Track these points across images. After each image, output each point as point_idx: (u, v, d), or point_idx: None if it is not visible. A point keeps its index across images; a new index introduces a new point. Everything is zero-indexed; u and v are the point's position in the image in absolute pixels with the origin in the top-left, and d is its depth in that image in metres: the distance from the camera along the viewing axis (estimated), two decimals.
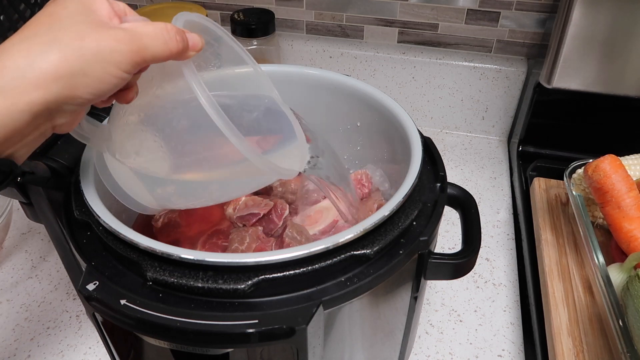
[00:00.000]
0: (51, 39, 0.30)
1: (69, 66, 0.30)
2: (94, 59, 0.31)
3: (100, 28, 0.32)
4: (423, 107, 0.98)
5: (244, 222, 0.53)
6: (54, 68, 0.29)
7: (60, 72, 0.30)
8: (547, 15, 0.86)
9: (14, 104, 0.29)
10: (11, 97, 0.29)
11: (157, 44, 0.33)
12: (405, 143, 0.50)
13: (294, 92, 0.59)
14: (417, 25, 0.93)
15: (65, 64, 0.30)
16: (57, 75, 0.30)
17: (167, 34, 0.34)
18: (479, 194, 0.85)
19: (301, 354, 0.39)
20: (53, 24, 0.31)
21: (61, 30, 0.31)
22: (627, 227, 0.60)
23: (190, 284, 0.37)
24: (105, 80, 0.31)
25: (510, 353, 0.62)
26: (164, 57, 0.34)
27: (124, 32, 0.32)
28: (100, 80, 0.31)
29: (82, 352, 0.62)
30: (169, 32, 0.34)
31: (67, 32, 0.30)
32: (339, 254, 0.39)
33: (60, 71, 0.30)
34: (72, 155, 0.47)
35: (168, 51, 0.34)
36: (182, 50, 0.35)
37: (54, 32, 0.30)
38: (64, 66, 0.30)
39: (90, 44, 0.30)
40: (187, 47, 0.35)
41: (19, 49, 0.30)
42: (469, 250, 0.47)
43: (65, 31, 0.30)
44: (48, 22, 0.31)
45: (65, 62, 0.30)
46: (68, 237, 0.43)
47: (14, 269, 0.72)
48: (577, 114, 0.83)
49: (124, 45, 0.31)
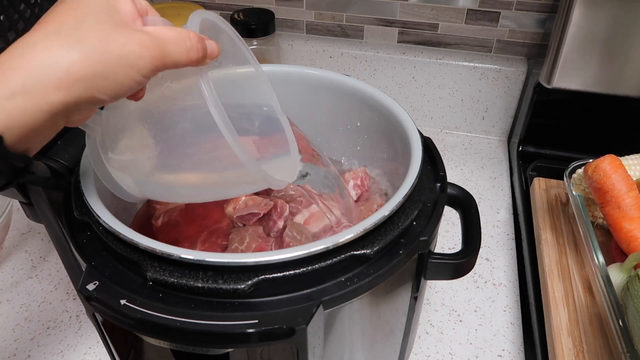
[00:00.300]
0: (76, 39, 0.30)
1: (91, 69, 0.30)
2: (117, 63, 0.30)
3: (125, 30, 0.31)
4: (423, 107, 0.98)
5: (243, 222, 0.53)
6: (76, 70, 0.29)
7: (83, 74, 0.29)
8: (547, 15, 0.86)
9: (36, 104, 0.29)
10: (33, 98, 0.29)
11: (179, 51, 0.33)
12: (405, 143, 0.50)
13: (294, 92, 0.59)
14: (417, 25, 0.93)
15: (88, 67, 0.30)
16: (79, 78, 0.29)
17: (190, 41, 0.33)
18: (479, 194, 0.85)
19: (301, 354, 0.39)
20: (77, 22, 0.30)
21: (86, 30, 0.30)
22: (627, 227, 0.60)
23: (190, 284, 0.37)
24: (124, 84, 0.31)
25: (510, 353, 0.62)
26: (184, 64, 0.34)
27: (149, 38, 0.32)
28: (120, 84, 0.31)
29: (82, 352, 0.62)
30: (191, 39, 0.34)
31: (91, 33, 0.30)
32: (339, 254, 0.39)
33: (82, 73, 0.29)
34: (72, 155, 0.47)
35: (188, 59, 0.34)
36: (201, 59, 0.34)
37: (79, 31, 0.30)
38: (87, 69, 0.29)
39: (115, 48, 0.30)
40: (205, 56, 0.35)
41: (42, 47, 0.29)
42: (469, 250, 0.47)
43: (89, 32, 0.30)
44: (72, 19, 0.30)
45: (89, 65, 0.30)
46: (68, 237, 0.43)
47: (14, 269, 0.72)
48: (577, 114, 0.83)
49: (147, 51, 0.31)
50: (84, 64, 0.29)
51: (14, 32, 0.51)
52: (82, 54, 0.29)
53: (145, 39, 0.31)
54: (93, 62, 0.30)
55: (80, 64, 0.29)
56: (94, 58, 0.30)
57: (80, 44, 0.30)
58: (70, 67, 0.29)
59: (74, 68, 0.29)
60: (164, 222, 0.54)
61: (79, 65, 0.29)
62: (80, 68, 0.29)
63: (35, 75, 0.29)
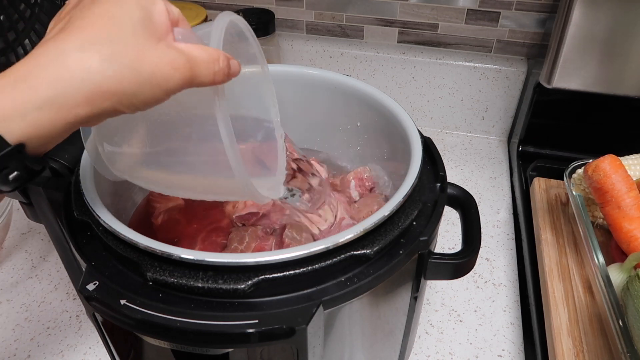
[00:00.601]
0: (111, 53, 0.29)
1: (122, 87, 0.29)
2: (147, 82, 0.30)
3: (158, 46, 0.31)
4: (423, 107, 0.98)
5: (242, 222, 0.53)
6: (107, 87, 0.29)
7: (113, 91, 0.29)
8: (547, 15, 0.86)
9: (63, 116, 0.29)
10: (61, 110, 0.29)
11: (207, 74, 0.33)
12: (405, 143, 0.50)
13: (294, 92, 0.59)
14: (417, 25, 0.93)
15: (120, 84, 0.29)
16: (109, 94, 0.29)
17: (218, 65, 0.33)
18: (479, 194, 0.85)
19: (301, 354, 0.39)
20: (114, 33, 0.30)
21: (122, 44, 0.30)
22: (627, 227, 0.60)
23: (190, 284, 0.37)
24: (149, 101, 0.31)
25: (510, 353, 0.62)
26: (208, 85, 0.34)
27: (181, 59, 0.31)
28: (145, 101, 0.31)
29: (82, 352, 0.62)
30: (220, 63, 0.33)
31: (127, 48, 0.30)
32: (339, 254, 0.39)
33: (113, 90, 0.29)
34: (72, 155, 0.47)
35: (213, 82, 0.33)
36: (225, 80, 0.34)
37: (115, 45, 0.29)
38: (118, 86, 0.29)
39: (148, 68, 0.30)
40: (229, 77, 0.35)
41: (75, 58, 0.29)
42: (469, 250, 0.47)
43: (125, 46, 0.30)
44: (108, 29, 0.30)
45: (121, 83, 0.29)
46: (68, 237, 0.43)
47: (14, 269, 0.72)
48: (577, 114, 0.83)
49: (178, 74, 0.31)
50: (116, 81, 0.29)
51: (14, 32, 0.51)
52: (116, 71, 0.29)
53: (177, 59, 0.31)
54: (126, 81, 0.29)
55: (112, 81, 0.29)
56: (127, 76, 0.29)
57: (115, 60, 0.29)
58: (102, 82, 0.29)
59: (106, 84, 0.29)
60: (163, 221, 0.54)
61: (111, 82, 0.29)
62: (112, 85, 0.29)
63: (67, 87, 0.28)
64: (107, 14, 0.30)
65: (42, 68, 0.28)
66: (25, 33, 0.53)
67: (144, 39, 0.30)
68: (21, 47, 0.53)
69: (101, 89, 0.29)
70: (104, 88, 0.29)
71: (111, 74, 0.29)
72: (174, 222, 0.54)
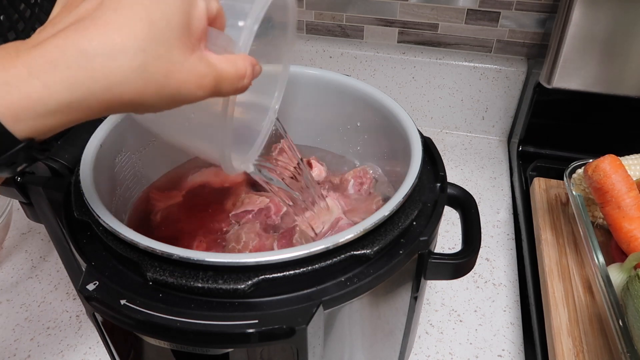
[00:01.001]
0: (140, 63, 0.27)
1: (143, 99, 0.28)
2: (170, 97, 0.29)
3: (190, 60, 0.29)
4: (423, 107, 0.98)
5: (237, 220, 0.53)
6: (128, 97, 0.27)
7: (134, 101, 0.28)
8: (547, 15, 0.86)
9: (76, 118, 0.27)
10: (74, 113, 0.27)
11: (230, 90, 0.31)
12: (405, 143, 0.50)
13: (294, 92, 0.59)
14: (417, 25, 0.93)
15: (141, 97, 0.28)
16: (128, 104, 0.28)
17: (242, 81, 0.32)
18: (479, 194, 0.85)
19: (301, 354, 0.39)
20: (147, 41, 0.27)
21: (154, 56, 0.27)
22: (627, 227, 0.60)
23: (190, 284, 0.37)
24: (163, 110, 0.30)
25: (510, 353, 0.62)
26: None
27: (209, 76, 0.30)
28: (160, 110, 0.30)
29: (82, 352, 0.62)
30: (245, 80, 0.32)
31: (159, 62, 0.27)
32: (339, 254, 0.39)
33: (134, 100, 0.28)
34: (72, 155, 0.47)
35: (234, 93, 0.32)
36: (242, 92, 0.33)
37: (146, 55, 0.27)
38: (140, 97, 0.28)
39: (175, 85, 0.28)
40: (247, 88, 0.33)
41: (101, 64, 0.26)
42: (469, 250, 0.47)
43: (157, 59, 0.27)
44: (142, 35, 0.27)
45: (143, 96, 0.28)
46: (68, 237, 0.43)
47: (14, 269, 0.72)
48: (577, 114, 0.83)
49: (202, 92, 0.30)
50: (139, 93, 0.27)
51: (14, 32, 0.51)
52: (141, 85, 0.27)
53: (205, 78, 0.29)
54: (149, 94, 0.28)
55: (135, 93, 0.27)
56: (152, 90, 0.28)
57: (144, 73, 0.27)
58: (125, 93, 0.27)
59: (128, 96, 0.27)
60: (163, 218, 0.54)
61: (134, 94, 0.27)
62: (134, 96, 0.27)
63: (86, 94, 0.26)
64: (144, 14, 0.27)
65: (60, 67, 0.25)
66: (25, 33, 0.53)
67: (177, 51, 0.28)
68: None
69: (122, 99, 0.27)
70: (124, 98, 0.27)
71: (136, 87, 0.27)
72: (173, 219, 0.54)
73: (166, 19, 0.27)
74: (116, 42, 0.26)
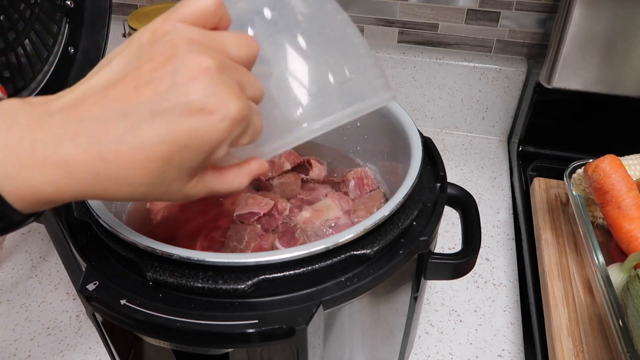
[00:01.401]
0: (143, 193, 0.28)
1: (142, 198, 0.29)
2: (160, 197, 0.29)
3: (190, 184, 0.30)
4: (423, 107, 0.98)
5: (242, 220, 0.53)
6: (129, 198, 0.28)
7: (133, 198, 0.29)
8: (547, 15, 0.86)
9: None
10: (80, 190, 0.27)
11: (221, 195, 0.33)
12: (405, 143, 0.50)
13: None
14: (417, 25, 0.93)
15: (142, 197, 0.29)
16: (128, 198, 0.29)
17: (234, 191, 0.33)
18: (479, 194, 0.85)
19: (301, 354, 0.39)
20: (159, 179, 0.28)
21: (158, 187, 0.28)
22: (627, 227, 0.60)
23: (190, 284, 0.37)
24: None
25: (510, 353, 0.62)
26: None
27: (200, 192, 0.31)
28: None
29: (82, 352, 0.62)
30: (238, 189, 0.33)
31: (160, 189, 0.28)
32: (339, 254, 0.39)
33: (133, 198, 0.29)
34: None
35: None
36: None
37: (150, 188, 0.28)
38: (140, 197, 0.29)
39: (170, 197, 0.29)
40: None
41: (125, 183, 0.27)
42: (469, 250, 0.47)
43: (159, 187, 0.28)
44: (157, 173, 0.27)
45: (144, 197, 0.29)
46: (68, 237, 0.43)
47: (14, 269, 0.72)
48: (577, 114, 0.83)
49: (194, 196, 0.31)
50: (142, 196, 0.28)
51: (14, 32, 0.51)
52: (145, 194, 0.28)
53: (196, 196, 0.31)
54: (150, 197, 0.29)
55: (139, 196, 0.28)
56: (152, 196, 0.29)
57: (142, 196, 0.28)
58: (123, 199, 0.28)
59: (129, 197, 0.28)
60: (162, 218, 0.54)
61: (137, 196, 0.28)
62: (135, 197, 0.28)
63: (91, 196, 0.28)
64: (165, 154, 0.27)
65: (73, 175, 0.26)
66: (25, 33, 0.53)
67: (179, 183, 0.29)
68: (21, 47, 0.53)
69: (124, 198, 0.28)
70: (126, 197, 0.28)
71: (141, 193, 0.28)
72: (173, 219, 0.54)
73: (181, 161, 0.27)
74: (129, 174, 0.27)
